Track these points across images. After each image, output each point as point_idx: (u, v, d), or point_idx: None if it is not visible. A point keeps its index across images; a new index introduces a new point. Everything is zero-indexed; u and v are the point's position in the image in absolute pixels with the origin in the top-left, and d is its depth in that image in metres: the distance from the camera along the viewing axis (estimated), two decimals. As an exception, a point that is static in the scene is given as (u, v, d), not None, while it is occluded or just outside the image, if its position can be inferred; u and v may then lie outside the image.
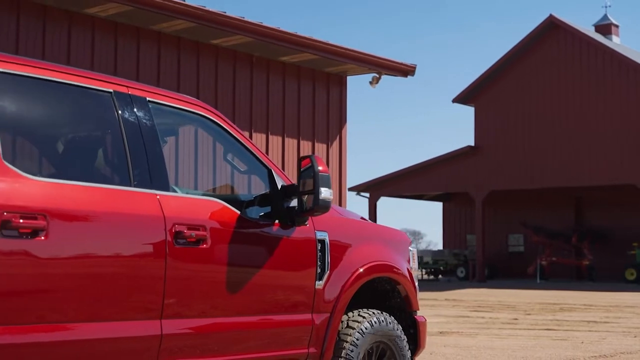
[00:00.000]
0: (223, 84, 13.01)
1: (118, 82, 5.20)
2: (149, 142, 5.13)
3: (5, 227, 4.23)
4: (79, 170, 5.13)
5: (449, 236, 53.68)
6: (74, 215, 4.57)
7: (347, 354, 6.16)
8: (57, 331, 4.52)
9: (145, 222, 4.88)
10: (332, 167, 14.54)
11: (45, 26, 10.83)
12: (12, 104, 4.70)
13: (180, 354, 5.10)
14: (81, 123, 5.38)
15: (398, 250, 6.88)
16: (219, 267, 5.30)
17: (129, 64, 11.77)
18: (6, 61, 4.61)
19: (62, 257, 4.49)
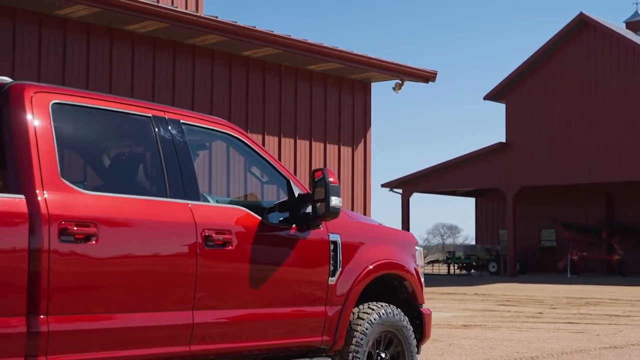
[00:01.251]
0: (253, 92, 13.88)
1: (156, 107, 6.09)
2: (182, 159, 6.00)
3: (63, 234, 5.11)
4: (123, 184, 6.00)
5: (482, 231, 54.15)
6: (119, 222, 5.44)
7: (357, 342, 7.00)
8: (104, 320, 5.39)
9: (179, 227, 5.75)
10: (357, 168, 15.34)
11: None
12: (69, 129, 5.58)
13: (210, 340, 5.97)
14: (125, 143, 6.27)
15: (405, 250, 7.71)
16: (243, 265, 6.16)
17: (166, 76, 12.69)
18: (64, 94, 5.50)
19: (109, 258, 5.37)
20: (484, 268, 49.09)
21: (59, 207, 5.13)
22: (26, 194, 5.04)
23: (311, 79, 14.67)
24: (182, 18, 12.04)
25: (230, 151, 6.98)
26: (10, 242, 4.93)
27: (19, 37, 11.23)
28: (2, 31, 11.05)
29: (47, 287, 5.03)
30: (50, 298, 5.04)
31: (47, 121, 5.30)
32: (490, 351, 12.93)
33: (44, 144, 5.22)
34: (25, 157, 5.14)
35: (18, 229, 4.95)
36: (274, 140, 14.04)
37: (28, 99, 5.29)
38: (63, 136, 5.44)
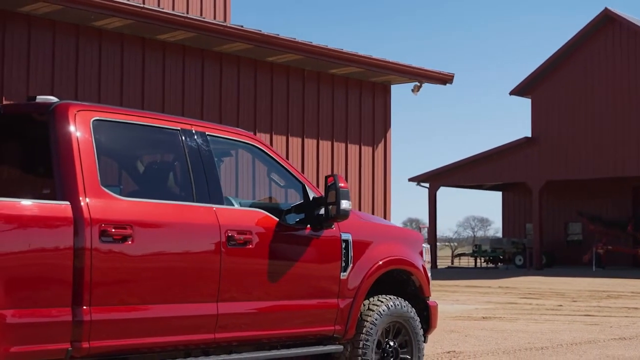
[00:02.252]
0: (277, 96, 14.58)
1: (184, 121, 6.83)
2: (208, 167, 6.73)
3: (103, 235, 5.85)
4: (155, 190, 6.74)
5: (509, 225, 54.49)
6: (152, 224, 6.19)
7: (368, 331, 7.71)
8: (139, 310, 6.14)
9: (205, 229, 6.49)
10: (377, 167, 16.01)
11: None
12: (108, 142, 6.33)
13: (232, 329, 6.70)
14: (157, 154, 7.03)
15: (412, 247, 8.41)
16: (262, 262, 6.89)
17: (195, 81, 13.43)
18: (103, 111, 6.25)
19: (143, 256, 6.12)
20: (511, 261, 49.44)
21: (99, 211, 5.87)
22: (71, 201, 5.79)
23: (333, 82, 15.34)
24: (210, 28, 12.78)
25: (251, 158, 7.71)
26: (58, 242, 5.67)
27: (58, 47, 12.00)
28: (42, 42, 11.84)
29: (89, 282, 5.77)
30: (92, 291, 5.78)
31: (89, 136, 6.04)
32: (503, 342, 13.53)
33: (86, 156, 5.96)
34: (69, 168, 5.88)
35: (64, 231, 5.69)
36: (297, 141, 14.74)
37: (72, 117, 6.02)
38: (102, 149, 6.18)
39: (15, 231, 5.48)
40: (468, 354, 11.94)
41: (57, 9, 11.48)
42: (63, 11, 11.60)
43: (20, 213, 5.53)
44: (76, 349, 5.72)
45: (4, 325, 5.31)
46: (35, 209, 5.62)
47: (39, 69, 11.82)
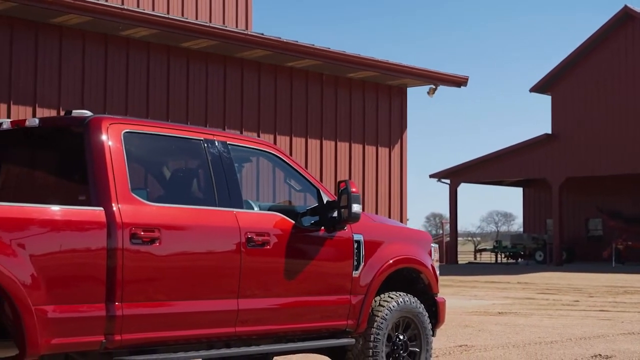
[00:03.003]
0: (297, 100, 15.14)
1: (207, 131, 7.40)
2: (229, 174, 7.29)
3: (133, 237, 6.43)
4: (180, 196, 7.31)
5: (530, 220, 54.78)
6: (177, 227, 6.76)
7: (378, 325, 8.25)
8: (166, 306, 6.70)
9: (226, 231, 7.05)
10: (394, 167, 16.54)
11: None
12: (137, 152, 6.89)
13: (252, 323, 7.27)
14: (182, 162, 7.59)
15: (421, 247, 8.94)
16: (279, 261, 7.45)
17: (217, 87, 14.03)
18: (133, 124, 6.82)
19: (169, 256, 6.68)
20: (531, 257, 49.72)
21: (130, 216, 6.44)
22: (104, 206, 6.36)
23: (350, 85, 15.88)
24: (232, 36, 13.36)
25: (270, 165, 8.27)
26: (92, 244, 6.25)
27: (88, 56, 12.62)
28: (73, 52, 12.46)
29: (121, 280, 6.34)
30: (124, 288, 6.36)
31: (120, 147, 6.62)
32: (515, 336, 13.99)
33: (117, 165, 6.53)
34: (102, 176, 6.46)
35: (98, 234, 6.27)
36: (316, 143, 15.29)
37: (105, 129, 6.60)
38: (132, 158, 6.75)
39: (55, 234, 6.06)
40: (479, 347, 12.43)
41: (87, 20, 12.10)
42: (93, 22, 12.22)
43: (58, 218, 6.12)
44: (109, 341, 6.30)
45: (46, 319, 5.90)
46: (72, 214, 6.20)
47: (69, 76, 12.45)
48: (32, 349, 5.89)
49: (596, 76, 43.78)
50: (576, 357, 11.46)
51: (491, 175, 48.12)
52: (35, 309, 5.85)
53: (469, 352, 12.01)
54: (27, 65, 12.04)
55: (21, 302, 5.78)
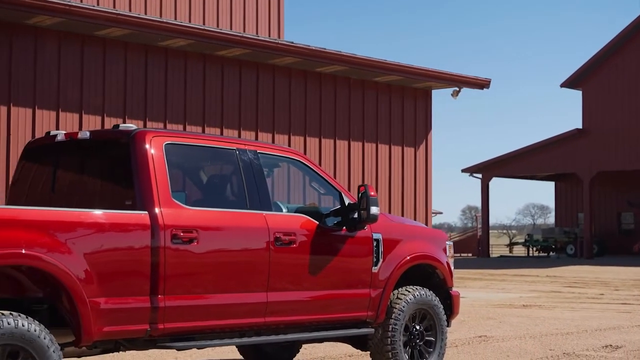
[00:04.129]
0: (326, 104, 15.94)
1: (239, 142, 8.20)
2: (259, 179, 8.09)
3: (174, 238, 7.23)
4: (215, 200, 8.10)
5: (562, 214, 55.07)
6: (213, 228, 7.56)
7: (396, 316, 9.01)
8: (203, 298, 7.49)
9: (256, 231, 7.84)
10: (419, 166, 17.27)
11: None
12: (177, 161, 7.68)
13: (280, 314, 8.05)
14: (216, 169, 8.40)
15: (437, 245, 9.69)
16: (304, 258, 8.22)
17: (250, 92, 14.87)
18: (173, 136, 7.64)
19: (206, 254, 7.45)
20: (562, 250, 50.01)
21: (171, 219, 7.25)
22: (148, 210, 7.16)
23: (377, 89, 16.62)
24: (264, 44, 14.17)
25: (297, 170, 9.07)
26: (138, 244, 7.05)
27: (129, 65, 13.52)
28: (116, 62, 13.36)
29: (163, 275, 7.12)
30: (166, 283, 7.13)
31: (162, 157, 7.42)
32: (534, 327, 14.60)
33: (159, 173, 7.33)
34: (146, 183, 7.26)
35: (143, 235, 7.07)
36: (344, 144, 16.08)
37: (148, 142, 7.40)
38: (172, 167, 7.56)
39: (105, 235, 6.86)
40: (497, 338, 13.10)
41: (129, 32, 12.97)
42: (134, 34, 13.09)
43: (108, 221, 6.92)
44: (153, 329, 7.09)
45: (99, 310, 6.72)
46: (120, 217, 7.01)
47: (112, 85, 13.34)
48: (87, 336, 6.69)
49: (627, 71, 44.02)
50: (587, 347, 12.10)
51: (522, 170, 48.52)
52: (90, 301, 6.64)
53: (487, 342, 12.68)
54: (73, 76, 12.93)
55: (77, 294, 6.57)
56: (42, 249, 6.44)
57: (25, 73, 12.49)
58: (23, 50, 12.46)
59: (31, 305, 6.82)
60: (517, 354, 11.43)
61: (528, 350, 11.85)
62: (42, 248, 6.45)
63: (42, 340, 6.36)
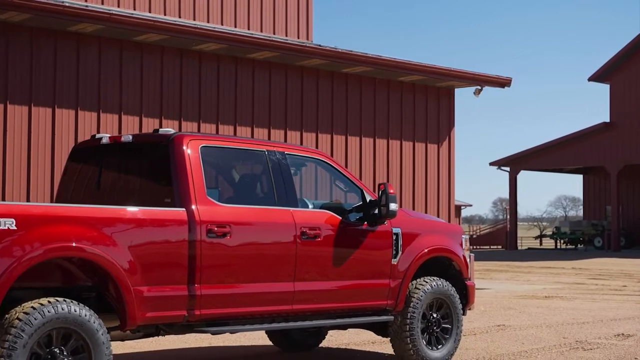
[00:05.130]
0: (352, 102, 16.64)
1: (268, 144, 8.91)
2: (286, 178, 8.77)
3: (209, 232, 7.92)
4: (246, 198, 8.79)
5: (590, 207, 55.27)
6: (244, 224, 8.24)
7: (414, 305, 9.67)
8: (235, 287, 8.15)
9: (284, 226, 8.52)
10: (442, 162, 17.92)
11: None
12: (212, 162, 8.36)
13: (306, 302, 8.72)
14: (247, 169, 9.10)
15: (452, 238, 10.34)
16: (328, 251, 8.88)
17: (279, 93, 15.61)
18: (209, 139, 8.35)
19: (238, 247, 8.12)
20: (590, 243, 50.30)
21: (206, 215, 7.94)
22: (186, 207, 7.85)
23: (401, 88, 17.27)
24: (292, 47, 14.87)
25: (321, 170, 9.77)
26: (176, 238, 7.71)
27: (165, 69, 14.28)
28: (153, 65, 14.14)
29: (199, 266, 7.78)
30: (202, 273, 7.79)
31: (198, 159, 8.11)
32: (551, 317, 15.15)
33: (196, 173, 8.03)
34: (184, 183, 7.95)
35: (181, 229, 7.76)
36: (370, 141, 16.77)
37: (186, 145, 8.09)
38: (207, 168, 8.26)
39: (146, 230, 7.54)
40: (514, 327, 13.71)
41: (165, 38, 13.73)
42: (170, 39, 13.85)
43: (149, 217, 7.62)
44: (190, 315, 7.78)
45: (142, 297, 7.42)
46: (160, 214, 7.70)
47: (150, 87, 14.10)
48: (131, 321, 7.38)
49: (655, 64, 44.25)
50: (599, 336, 12.69)
51: (550, 163, 48.85)
52: (134, 289, 7.32)
53: (504, 330, 13.29)
54: (113, 79, 13.70)
55: (123, 283, 7.26)
56: (90, 243, 7.10)
57: (68, 77, 13.26)
58: (66, 56, 13.23)
59: (81, 293, 7.50)
60: (532, 341, 12.04)
61: (542, 338, 12.46)
62: (91, 241, 7.11)
63: (92, 324, 7.03)
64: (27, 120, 12.95)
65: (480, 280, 24.82)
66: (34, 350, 6.73)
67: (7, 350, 6.59)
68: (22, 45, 12.92)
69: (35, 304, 6.81)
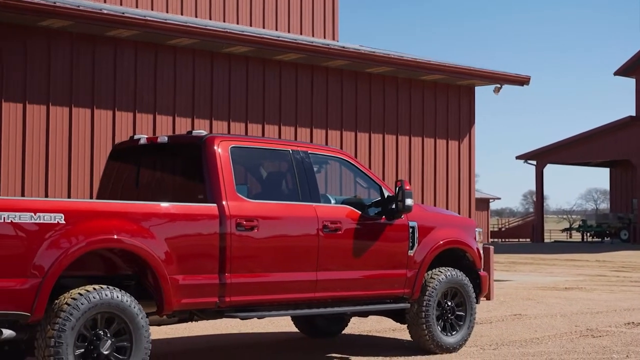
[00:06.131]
0: (376, 101, 17.30)
1: (293, 144, 9.58)
2: (309, 176, 9.43)
3: (238, 226, 8.56)
4: (272, 194, 9.43)
5: (617, 200, 55.45)
6: (271, 218, 8.87)
7: (430, 293, 10.32)
8: (262, 276, 8.77)
9: (307, 220, 9.16)
10: (462, 159, 18.55)
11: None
12: (241, 161, 8.98)
13: (327, 290, 9.32)
14: (274, 168, 9.79)
15: (466, 231, 10.97)
16: (348, 243, 9.49)
17: (306, 93, 16.33)
18: (238, 140, 9.04)
19: (265, 239, 8.72)
20: (616, 236, 50.49)
21: (235, 210, 8.59)
22: (217, 203, 8.49)
23: (423, 87, 17.91)
24: (317, 49, 15.55)
25: (343, 168, 10.46)
26: (208, 231, 8.33)
27: (197, 72, 15.02)
28: (185, 67, 14.91)
29: (229, 257, 8.40)
30: (232, 263, 8.42)
31: (228, 158, 8.77)
32: (567, 307, 15.62)
33: (226, 172, 8.69)
34: (215, 180, 8.60)
35: (213, 223, 8.39)
36: (392, 138, 17.43)
37: (217, 145, 8.76)
38: (237, 166, 8.92)
39: (181, 223, 8.18)
40: (530, 316, 14.27)
41: (197, 41, 14.48)
42: (201, 43, 14.60)
43: (184, 212, 8.25)
44: (221, 302, 8.42)
45: (178, 285, 8.07)
46: (193, 209, 8.35)
47: (182, 88, 14.86)
48: (168, 307, 8.04)
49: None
50: (610, 324, 13.24)
51: (576, 157, 49.16)
52: (170, 278, 7.96)
53: (520, 319, 13.86)
54: (148, 81, 14.47)
55: (160, 272, 7.92)
56: (130, 235, 7.76)
57: (106, 79, 14.04)
58: (104, 59, 14.02)
59: (122, 281, 8.17)
60: (544, 329, 12.65)
61: (555, 326, 13.05)
62: (130, 234, 7.77)
63: (132, 309, 7.71)
64: (68, 120, 13.74)
65: (504, 272, 25.32)
66: (80, 332, 7.42)
67: (57, 331, 7.31)
68: (63, 50, 13.72)
69: (82, 291, 7.51)
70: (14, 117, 13.29)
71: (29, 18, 13.06)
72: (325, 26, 20.39)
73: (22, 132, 13.37)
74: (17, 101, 13.32)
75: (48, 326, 7.33)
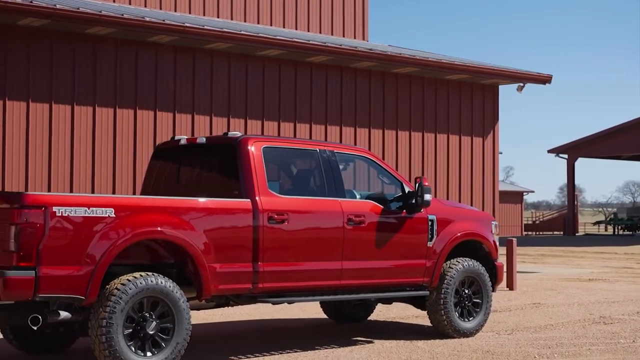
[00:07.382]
0: (401, 100, 18.07)
1: (320, 144, 10.38)
2: (335, 173, 10.22)
3: (270, 219, 9.35)
4: (301, 190, 10.22)
5: (649, 193, 55.66)
6: (300, 212, 9.63)
7: (448, 282, 11.07)
8: (292, 265, 9.55)
9: (333, 214, 9.94)
10: (487, 155, 19.26)
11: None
12: (272, 160, 9.74)
13: (352, 278, 10.08)
14: (302, 166, 10.60)
15: (483, 224, 11.70)
16: (372, 235, 10.24)
17: (335, 94, 17.16)
18: (270, 141, 9.87)
19: (294, 231, 9.51)
20: (649, 229, 50.89)
21: (267, 205, 9.39)
22: (250, 198, 9.30)
23: (448, 86, 18.64)
24: (346, 52, 16.37)
25: (367, 165, 11.26)
26: (243, 223, 9.14)
27: (232, 73, 15.91)
28: (221, 70, 15.79)
29: (262, 247, 9.20)
30: (264, 253, 9.22)
31: (260, 157, 9.59)
32: (586, 297, 16.18)
33: (259, 170, 9.51)
34: (249, 178, 9.42)
35: (247, 217, 9.18)
36: (419, 136, 18.20)
37: (251, 145, 9.58)
38: (269, 165, 9.71)
39: (218, 217, 8.99)
40: (549, 305, 14.90)
41: (232, 46, 15.36)
42: (236, 47, 15.46)
43: (221, 206, 9.07)
44: (254, 288, 9.23)
45: (215, 273, 8.86)
46: (229, 204, 9.18)
47: (219, 90, 15.73)
48: (206, 292, 8.85)
49: None
50: (623, 313, 13.83)
51: (608, 150, 49.34)
52: (208, 266, 8.76)
53: (538, 308, 14.50)
54: (186, 82, 15.36)
55: (199, 261, 8.72)
56: (171, 227, 8.56)
57: (147, 81, 14.94)
58: (145, 63, 14.94)
59: (165, 269, 9.01)
60: (559, 317, 13.33)
61: (570, 314, 13.71)
62: (172, 226, 8.57)
63: (175, 294, 8.54)
64: (113, 121, 14.67)
65: (532, 264, 25.90)
66: (129, 314, 8.27)
67: (108, 313, 8.18)
68: (108, 55, 14.64)
69: (130, 277, 8.35)
70: (63, 118, 14.24)
71: (78, 26, 14.00)
72: (356, 26, 21.19)
73: (70, 133, 14.30)
74: (66, 102, 14.26)
75: (100, 309, 8.17)
